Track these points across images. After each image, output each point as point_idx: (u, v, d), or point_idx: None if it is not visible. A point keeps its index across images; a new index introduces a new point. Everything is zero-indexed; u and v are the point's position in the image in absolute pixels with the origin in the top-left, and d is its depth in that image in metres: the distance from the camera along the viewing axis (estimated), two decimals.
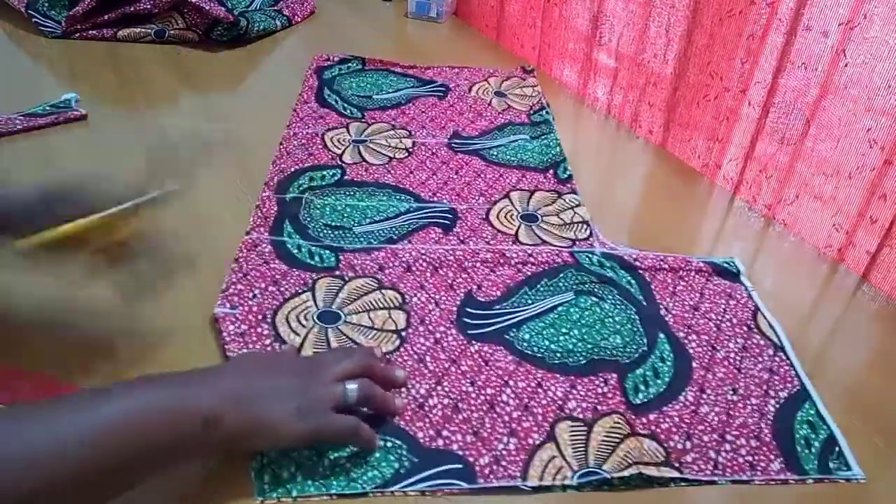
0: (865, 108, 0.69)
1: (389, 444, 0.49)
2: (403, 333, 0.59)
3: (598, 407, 0.53)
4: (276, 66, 1.09)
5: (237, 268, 0.64)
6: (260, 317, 0.59)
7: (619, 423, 0.52)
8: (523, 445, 0.50)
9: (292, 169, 0.80)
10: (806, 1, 0.71)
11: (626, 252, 0.70)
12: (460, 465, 0.49)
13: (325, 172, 0.80)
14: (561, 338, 0.60)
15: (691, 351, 0.60)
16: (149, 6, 1.09)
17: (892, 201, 0.68)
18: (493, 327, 0.61)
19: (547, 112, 0.96)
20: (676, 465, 0.50)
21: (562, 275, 0.66)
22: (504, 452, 0.50)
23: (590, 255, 0.69)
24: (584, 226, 0.74)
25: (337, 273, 0.65)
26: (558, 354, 0.58)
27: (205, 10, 1.07)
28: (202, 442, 0.43)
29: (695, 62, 0.85)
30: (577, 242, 0.72)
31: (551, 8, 1.07)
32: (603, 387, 0.55)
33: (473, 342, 0.59)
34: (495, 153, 0.86)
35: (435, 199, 0.77)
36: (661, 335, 0.61)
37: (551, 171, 0.83)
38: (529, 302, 0.63)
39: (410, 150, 0.86)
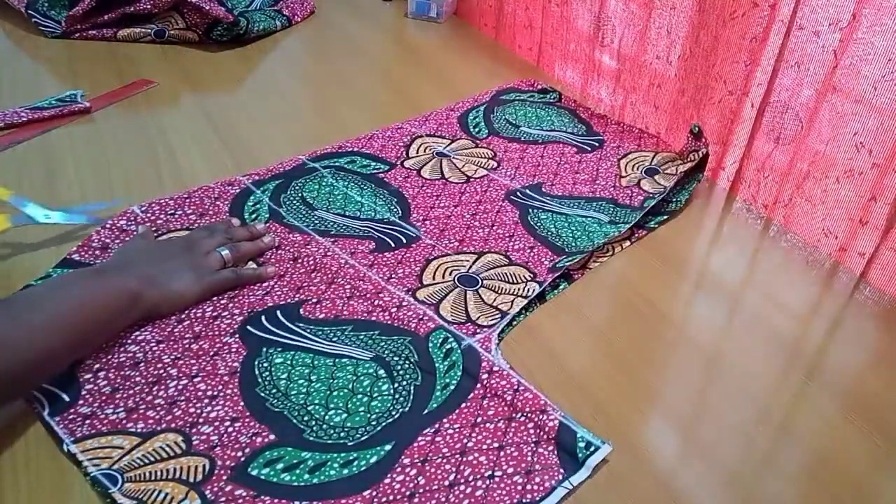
0: (853, 110, 0.70)
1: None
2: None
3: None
4: (276, 66, 1.08)
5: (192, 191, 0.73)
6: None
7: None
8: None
9: (348, 148, 0.84)
10: (805, 1, 0.71)
11: (496, 364, 0.57)
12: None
13: (371, 162, 0.83)
14: (295, 384, 0.55)
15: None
16: (149, 6, 1.08)
17: (889, 201, 0.68)
18: (283, 339, 0.59)
19: (655, 199, 0.79)
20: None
21: (396, 337, 0.60)
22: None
23: (446, 338, 0.60)
24: (496, 313, 0.63)
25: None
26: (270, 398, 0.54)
27: (205, 10, 1.07)
28: (130, 315, 0.56)
29: (700, 64, 0.85)
30: (479, 328, 0.61)
31: (552, 8, 1.07)
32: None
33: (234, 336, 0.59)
34: (544, 219, 0.76)
35: (417, 224, 0.74)
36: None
37: (560, 258, 0.70)
38: (332, 339, 0.59)
39: (472, 178, 0.82)
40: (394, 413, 0.53)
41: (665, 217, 0.78)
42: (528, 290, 0.66)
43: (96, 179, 0.77)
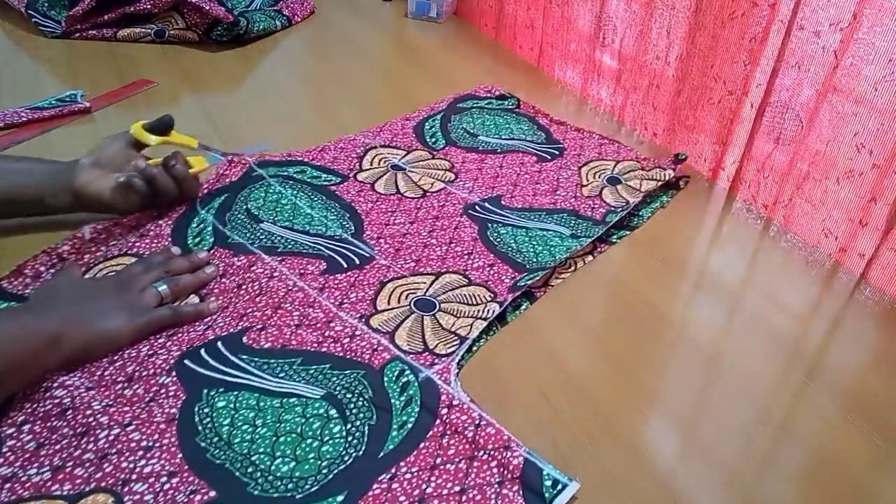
0: (854, 111, 0.70)
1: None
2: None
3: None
4: (276, 66, 1.08)
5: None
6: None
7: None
8: None
9: (298, 157, 0.80)
10: (805, 1, 0.71)
11: (456, 397, 0.53)
12: None
13: (322, 174, 0.79)
14: (238, 430, 0.50)
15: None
16: (149, 6, 1.08)
17: (889, 202, 0.68)
18: (225, 377, 0.54)
19: (617, 214, 0.76)
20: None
21: (349, 371, 0.55)
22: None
23: (402, 371, 0.56)
24: (455, 339, 0.60)
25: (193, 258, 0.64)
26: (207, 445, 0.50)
27: (205, 10, 1.07)
28: (44, 361, 0.51)
29: (698, 64, 0.85)
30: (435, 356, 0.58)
31: (553, 8, 1.07)
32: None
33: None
34: (503, 234, 0.73)
35: (371, 242, 0.70)
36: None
37: (521, 275, 0.67)
38: (279, 374, 0.55)
39: (429, 192, 0.78)
40: (346, 458, 0.49)
41: (627, 232, 0.76)
42: (488, 311, 0.62)
43: None
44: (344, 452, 0.49)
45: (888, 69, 0.66)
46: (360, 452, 0.49)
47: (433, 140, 0.89)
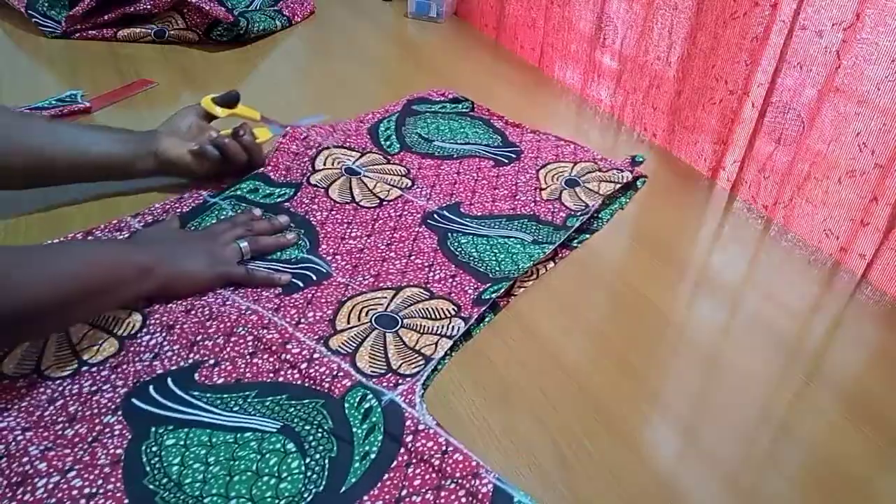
0: (856, 111, 0.69)
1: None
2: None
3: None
4: (276, 66, 1.08)
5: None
6: None
7: None
8: None
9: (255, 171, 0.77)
10: (808, 1, 0.71)
11: (422, 422, 0.50)
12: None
13: (275, 189, 0.76)
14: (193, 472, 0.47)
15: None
16: (149, 6, 1.08)
17: (890, 202, 0.68)
18: (176, 414, 0.51)
19: (578, 219, 0.74)
20: None
21: (307, 401, 0.52)
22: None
23: (364, 396, 0.52)
24: (420, 359, 0.57)
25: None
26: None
27: (205, 10, 1.07)
28: (136, 288, 0.56)
29: (699, 64, 0.85)
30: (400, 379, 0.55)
31: (554, 9, 1.07)
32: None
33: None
34: (464, 244, 0.70)
35: (327, 258, 0.67)
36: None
37: (485, 286, 0.65)
38: (233, 408, 0.51)
39: (385, 200, 0.76)
40: (306, 495, 0.46)
41: (588, 236, 0.75)
42: (453, 328, 0.59)
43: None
44: (303, 489, 0.46)
45: (891, 69, 0.66)
46: (321, 488, 0.46)
47: (388, 143, 0.86)
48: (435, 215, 0.74)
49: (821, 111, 0.73)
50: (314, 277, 0.65)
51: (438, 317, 0.61)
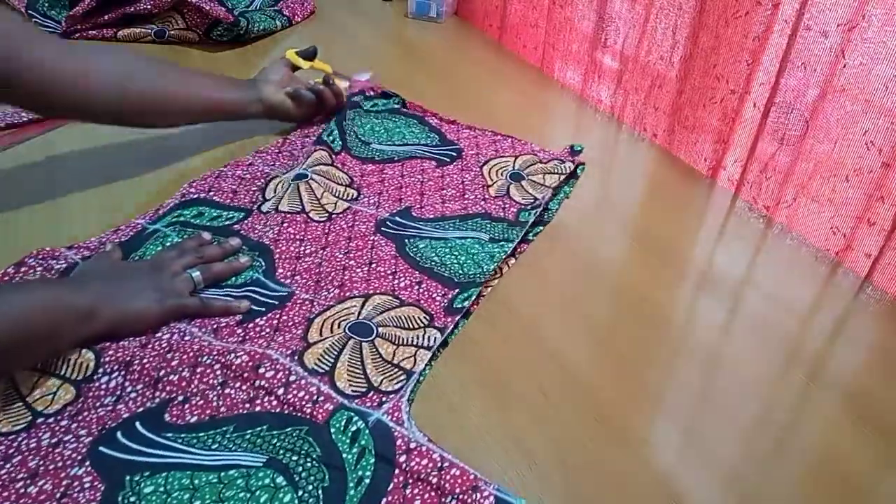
0: (864, 110, 0.69)
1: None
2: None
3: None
4: None
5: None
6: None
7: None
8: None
9: (193, 196, 0.72)
10: (808, 1, 0.71)
11: (413, 440, 0.49)
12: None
13: (223, 212, 0.71)
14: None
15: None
16: (149, 6, 1.08)
17: (893, 202, 0.68)
18: (150, 459, 0.47)
19: (531, 213, 0.74)
20: None
21: (289, 429, 0.49)
22: None
23: (350, 419, 0.50)
24: (400, 373, 0.55)
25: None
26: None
27: (205, 10, 1.07)
28: (77, 333, 0.52)
29: (700, 64, 0.85)
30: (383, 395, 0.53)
31: (555, 9, 1.07)
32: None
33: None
34: (423, 248, 0.69)
35: (286, 281, 0.64)
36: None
37: (454, 293, 0.63)
38: (213, 446, 0.49)
39: (334, 213, 0.73)
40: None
41: (542, 228, 0.74)
42: (429, 339, 0.58)
43: (97, 179, 0.77)
44: None
45: None
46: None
47: (330, 138, 0.84)
48: (388, 222, 0.72)
49: (825, 111, 0.73)
50: (276, 302, 0.61)
51: (412, 326, 0.59)
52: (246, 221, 0.70)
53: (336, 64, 0.97)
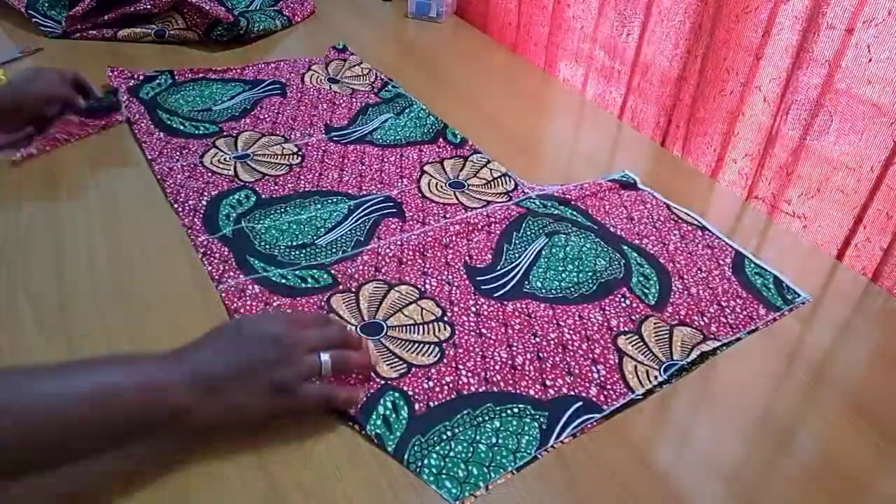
0: (877, 108, 0.69)
1: (516, 410, 0.53)
2: (446, 318, 0.61)
3: (633, 317, 0.62)
4: None
5: (241, 318, 0.58)
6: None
7: (657, 322, 0.62)
8: (610, 367, 0.57)
9: (203, 203, 0.73)
10: None
11: (552, 189, 0.76)
12: (581, 402, 0.54)
13: (239, 196, 0.75)
14: (564, 275, 0.66)
15: (653, 251, 0.71)
16: (149, 6, 1.08)
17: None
18: (509, 286, 0.65)
19: (394, 85, 0.96)
20: (711, 337, 0.61)
21: (524, 224, 0.71)
22: (602, 378, 0.56)
23: (532, 201, 0.74)
24: (507, 178, 0.79)
25: (342, 287, 0.63)
26: (572, 289, 0.65)
27: (205, 10, 1.07)
28: (171, 429, 0.44)
29: (706, 61, 0.85)
30: (511, 193, 0.77)
31: (559, 7, 1.07)
32: (624, 301, 0.64)
33: (506, 302, 0.63)
34: (379, 136, 0.86)
35: (365, 191, 0.77)
36: (625, 247, 0.71)
37: (441, 140, 0.86)
38: (517, 256, 0.68)
39: (300, 153, 0.83)
40: (597, 240, 0.70)
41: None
42: (479, 160, 0.82)
43: (98, 179, 0.76)
44: (594, 238, 0.71)
45: None
46: (594, 235, 0.71)
47: (212, 128, 0.87)
48: (333, 137, 0.86)
49: (837, 109, 0.72)
50: (392, 205, 0.75)
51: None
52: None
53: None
